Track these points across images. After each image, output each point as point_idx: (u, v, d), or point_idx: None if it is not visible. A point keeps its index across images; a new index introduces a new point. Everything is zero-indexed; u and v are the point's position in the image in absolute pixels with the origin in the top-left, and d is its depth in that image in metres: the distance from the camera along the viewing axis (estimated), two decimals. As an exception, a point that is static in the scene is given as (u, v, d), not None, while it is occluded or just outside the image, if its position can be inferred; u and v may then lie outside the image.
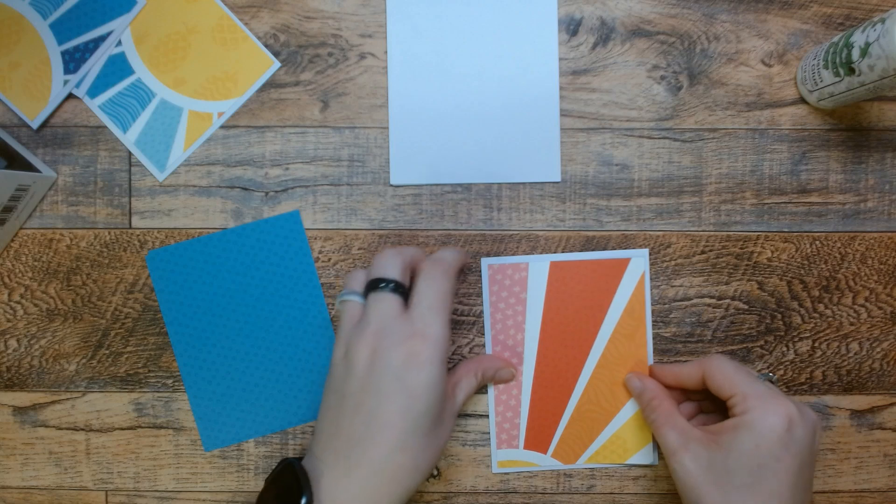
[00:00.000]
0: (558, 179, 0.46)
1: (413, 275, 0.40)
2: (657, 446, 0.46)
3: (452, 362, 0.47)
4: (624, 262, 0.45)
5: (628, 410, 0.46)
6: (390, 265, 0.38)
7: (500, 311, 0.46)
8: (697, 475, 0.38)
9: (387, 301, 0.37)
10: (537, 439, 0.46)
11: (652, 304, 0.46)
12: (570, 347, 0.46)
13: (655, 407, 0.42)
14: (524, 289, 0.45)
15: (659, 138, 0.46)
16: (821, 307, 0.47)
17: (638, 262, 0.45)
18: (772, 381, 0.41)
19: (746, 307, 0.46)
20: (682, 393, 0.45)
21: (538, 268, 0.45)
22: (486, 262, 0.46)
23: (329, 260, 0.47)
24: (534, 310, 0.45)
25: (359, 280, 0.39)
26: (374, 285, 0.38)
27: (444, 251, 0.40)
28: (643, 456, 0.46)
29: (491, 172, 0.46)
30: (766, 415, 0.37)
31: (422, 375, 0.35)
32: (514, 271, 0.45)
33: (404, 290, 0.38)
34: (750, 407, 0.38)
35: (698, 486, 0.38)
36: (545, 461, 0.46)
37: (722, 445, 0.38)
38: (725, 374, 0.40)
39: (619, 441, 0.46)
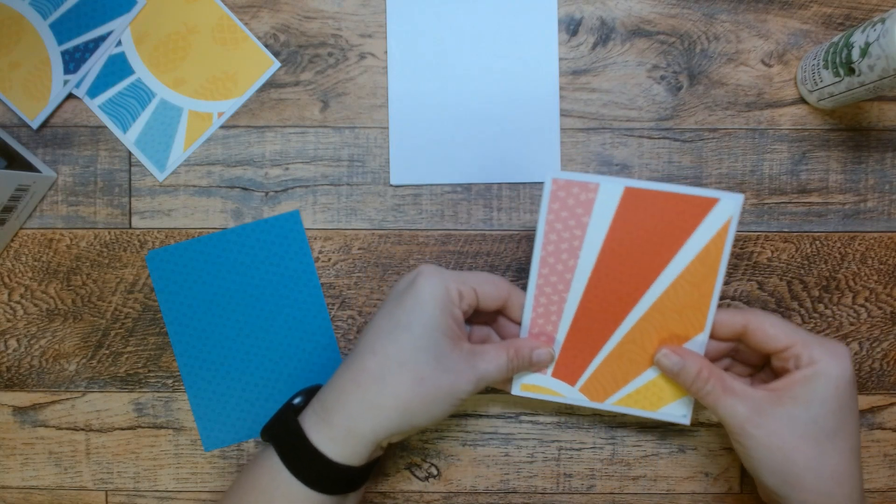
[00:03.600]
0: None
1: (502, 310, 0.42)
2: (694, 402, 0.42)
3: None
4: (710, 203, 0.39)
5: None
6: (492, 284, 0.40)
7: (556, 233, 0.40)
8: (785, 435, 0.36)
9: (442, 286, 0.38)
10: (568, 369, 0.42)
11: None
12: (625, 283, 0.41)
13: (707, 378, 0.38)
14: (588, 212, 0.39)
15: (659, 138, 0.46)
16: (821, 307, 0.47)
17: (726, 206, 0.39)
18: None
19: (747, 307, 0.46)
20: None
21: (609, 191, 0.39)
22: (550, 176, 0.39)
23: (329, 260, 0.47)
24: (594, 237, 0.40)
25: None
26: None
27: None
28: (678, 408, 0.42)
29: (491, 172, 0.46)
30: (836, 359, 0.36)
31: (415, 295, 0.37)
32: (580, 191, 0.39)
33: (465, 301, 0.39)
34: (817, 355, 0.36)
35: (787, 445, 0.36)
36: (572, 394, 0.43)
37: (799, 399, 0.36)
38: (777, 326, 0.38)
39: (654, 388, 0.42)
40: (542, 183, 0.46)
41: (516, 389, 0.43)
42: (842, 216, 0.46)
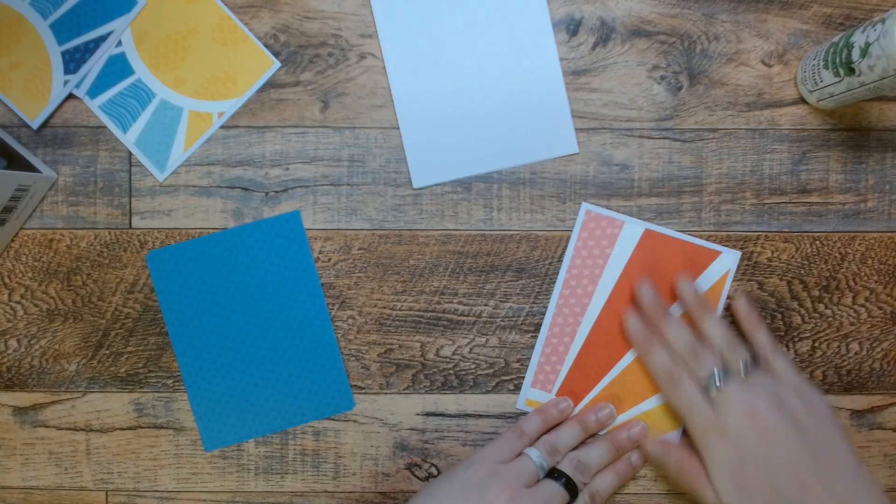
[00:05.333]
0: (576, 150, 0.46)
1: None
2: (683, 433, 0.45)
3: (453, 361, 0.47)
4: (713, 255, 0.45)
5: None
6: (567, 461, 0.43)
7: (581, 259, 0.45)
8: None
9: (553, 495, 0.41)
10: (572, 392, 0.46)
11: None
12: None
13: (684, 469, 0.43)
14: (611, 245, 0.45)
15: (659, 138, 0.46)
16: (821, 307, 0.47)
17: (726, 259, 0.45)
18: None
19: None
20: None
21: (632, 230, 0.45)
22: (585, 206, 0.46)
23: (329, 260, 0.47)
24: (613, 268, 0.45)
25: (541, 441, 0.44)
26: (551, 473, 0.42)
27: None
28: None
29: (510, 156, 0.46)
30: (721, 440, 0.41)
31: None
32: (608, 225, 0.46)
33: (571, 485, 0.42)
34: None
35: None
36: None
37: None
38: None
39: (648, 419, 0.46)
40: (542, 183, 0.46)
41: (520, 403, 0.46)
42: (842, 216, 0.46)
